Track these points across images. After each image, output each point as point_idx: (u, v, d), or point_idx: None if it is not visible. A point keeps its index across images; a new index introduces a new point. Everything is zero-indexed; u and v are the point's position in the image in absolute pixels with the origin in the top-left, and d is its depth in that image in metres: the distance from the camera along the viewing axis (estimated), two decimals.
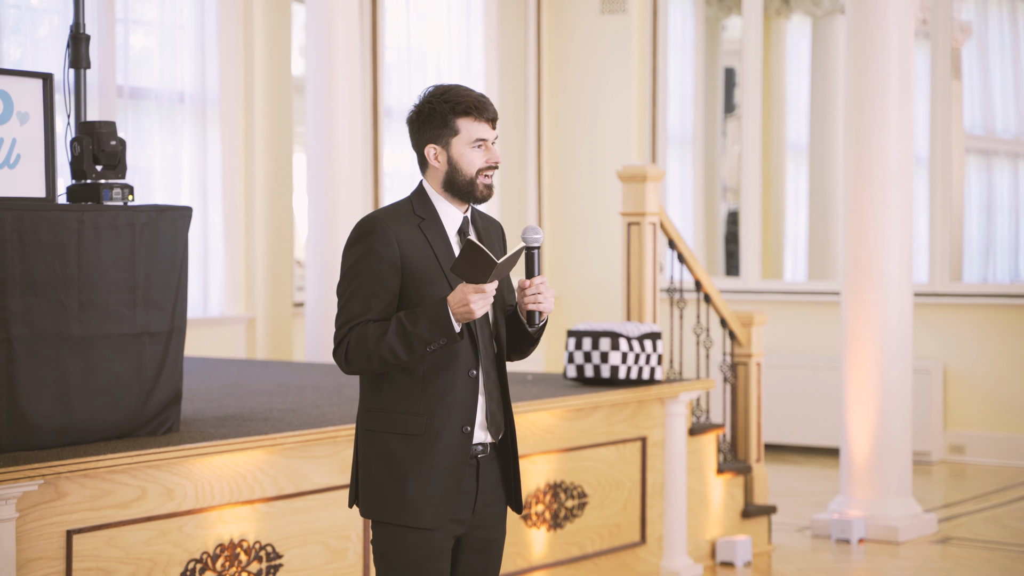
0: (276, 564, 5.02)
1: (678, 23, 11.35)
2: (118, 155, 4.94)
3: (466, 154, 3.62)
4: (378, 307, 3.55)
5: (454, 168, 3.64)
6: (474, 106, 3.61)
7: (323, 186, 8.48)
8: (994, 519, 8.24)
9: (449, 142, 3.64)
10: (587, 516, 6.38)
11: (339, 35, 8.46)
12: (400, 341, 3.48)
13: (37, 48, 8.19)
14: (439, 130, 3.64)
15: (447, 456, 3.56)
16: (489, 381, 3.64)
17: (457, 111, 3.61)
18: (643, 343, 6.66)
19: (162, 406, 4.88)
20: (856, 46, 7.73)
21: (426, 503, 3.55)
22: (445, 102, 3.63)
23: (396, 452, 3.57)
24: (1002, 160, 10.92)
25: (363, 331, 3.52)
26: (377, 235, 3.56)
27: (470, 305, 3.47)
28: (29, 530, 4.34)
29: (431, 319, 3.48)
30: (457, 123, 3.62)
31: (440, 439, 3.56)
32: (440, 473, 3.56)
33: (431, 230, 3.61)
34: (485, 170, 3.63)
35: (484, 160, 3.62)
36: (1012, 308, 10.14)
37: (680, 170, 11.40)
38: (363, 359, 3.52)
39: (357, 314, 3.55)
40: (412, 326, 3.48)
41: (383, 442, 3.59)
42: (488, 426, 3.63)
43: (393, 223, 3.59)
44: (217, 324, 9.15)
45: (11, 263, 4.47)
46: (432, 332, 3.48)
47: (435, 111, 3.64)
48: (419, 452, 3.55)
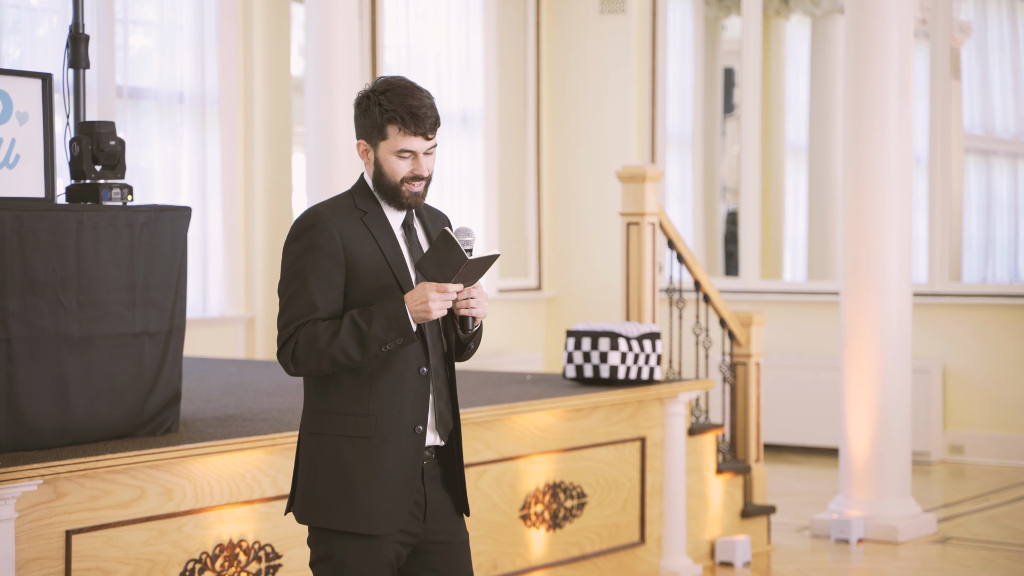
0: (275, 564, 5.02)
1: (678, 23, 11.35)
2: (117, 155, 4.94)
3: (390, 161, 3.45)
4: (324, 304, 3.40)
5: (379, 170, 3.47)
6: (404, 117, 3.42)
7: (323, 186, 8.48)
8: (993, 519, 8.24)
9: (377, 144, 3.46)
10: (586, 516, 6.38)
11: (339, 35, 8.46)
12: (354, 341, 3.35)
13: (36, 48, 8.19)
14: (370, 129, 3.46)
15: (399, 458, 3.43)
16: (438, 379, 3.51)
17: (386, 117, 3.43)
18: (642, 343, 6.66)
19: (161, 406, 4.88)
20: (856, 46, 7.73)
21: (379, 509, 3.41)
22: (379, 104, 3.43)
23: (345, 456, 3.43)
24: (1001, 160, 10.92)
25: (312, 330, 3.38)
26: (319, 229, 3.41)
27: (429, 304, 3.34)
28: (28, 530, 4.34)
29: (387, 318, 3.35)
30: (387, 128, 3.44)
31: (391, 441, 3.42)
32: (392, 476, 3.42)
33: (375, 224, 3.46)
34: (410, 180, 3.46)
35: (409, 170, 3.45)
36: (1012, 308, 10.14)
37: (679, 170, 11.41)
38: (312, 360, 3.38)
39: (303, 313, 3.40)
40: (367, 325, 3.35)
41: (330, 445, 3.44)
42: (437, 426, 3.50)
43: (335, 217, 3.43)
44: (216, 324, 9.15)
45: (10, 263, 4.47)
46: (388, 332, 3.34)
47: (369, 108, 3.45)
48: (370, 455, 3.42)
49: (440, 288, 3.36)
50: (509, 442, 5.98)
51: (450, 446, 3.57)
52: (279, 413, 5.54)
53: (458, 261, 3.34)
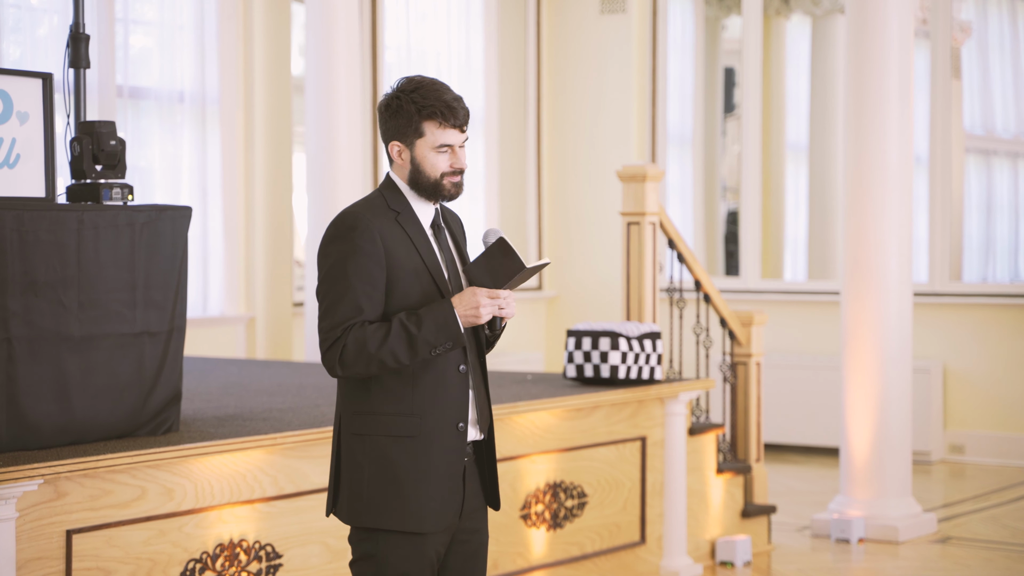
0: (276, 564, 5.02)
1: (678, 23, 11.35)
2: (118, 155, 4.94)
3: (429, 157, 3.48)
4: (369, 307, 3.42)
5: (417, 168, 3.49)
6: (442, 111, 3.45)
7: (323, 186, 8.48)
8: (994, 519, 8.24)
9: (413, 143, 3.48)
10: (587, 516, 6.38)
11: (339, 35, 8.46)
12: (403, 344, 3.37)
13: (37, 48, 8.19)
14: (404, 129, 3.48)
15: (444, 456, 3.47)
16: (476, 376, 3.54)
17: (424, 113, 3.45)
18: (643, 343, 6.66)
19: (162, 406, 4.88)
20: (856, 46, 7.73)
21: (427, 507, 3.45)
22: (413, 102, 3.46)
23: (391, 455, 3.45)
24: (1002, 160, 10.92)
25: (360, 334, 3.39)
26: (360, 231, 3.42)
27: (480, 309, 3.39)
28: (29, 530, 4.34)
29: (437, 322, 3.38)
30: (423, 125, 3.46)
31: (435, 439, 3.45)
32: (439, 475, 3.46)
33: (409, 224, 3.48)
34: (450, 174, 3.50)
35: (448, 165, 3.49)
36: (1012, 308, 10.14)
37: (680, 170, 11.41)
38: (361, 363, 3.39)
39: (349, 315, 3.41)
40: (416, 329, 3.37)
41: (375, 446, 3.46)
42: (477, 421, 3.54)
43: (374, 217, 3.45)
44: (217, 324, 9.15)
45: (11, 263, 4.47)
46: (438, 336, 3.38)
47: (402, 109, 3.47)
48: (416, 454, 3.44)
49: (492, 294, 3.42)
50: (509, 442, 5.98)
51: (487, 441, 3.62)
52: (279, 413, 5.54)
53: (515, 269, 3.39)
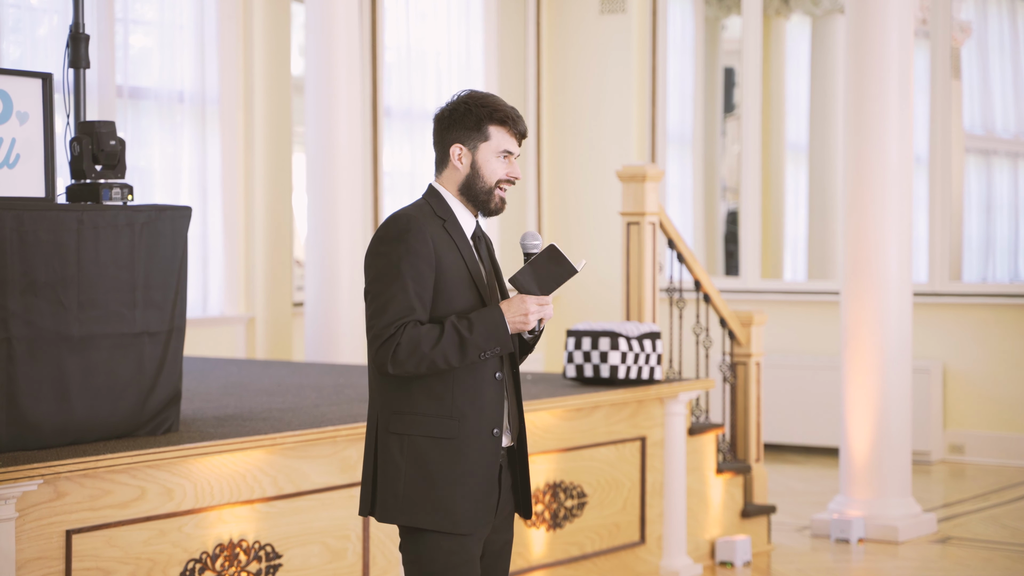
0: (276, 564, 5.02)
1: (678, 23, 11.35)
2: (117, 155, 4.94)
3: (490, 162, 3.60)
4: (420, 307, 3.51)
5: (475, 173, 3.61)
6: (510, 117, 3.60)
7: (323, 186, 8.48)
8: (994, 519, 8.24)
9: (477, 146, 3.60)
10: (587, 516, 6.38)
11: (339, 35, 8.46)
12: (455, 347, 3.47)
13: (37, 48, 8.19)
14: (470, 132, 3.60)
15: (480, 459, 3.55)
16: (509, 384, 3.64)
17: (493, 118, 3.59)
18: (642, 343, 6.66)
19: (161, 406, 4.88)
20: (856, 46, 7.73)
21: (464, 508, 3.53)
22: (483, 107, 3.60)
23: (428, 456, 3.53)
24: (1002, 160, 10.92)
25: (415, 333, 3.47)
26: (415, 233, 3.52)
27: (528, 316, 3.50)
28: (28, 530, 4.34)
29: (488, 327, 3.48)
30: (490, 129, 3.59)
31: (472, 443, 3.54)
32: (474, 478, 3.54)
33: (455, 232, 3.60)
34: (504, 182, 3.62)
35: (505, 172, 3.61)
36: (1012, 308, 10.14)
37: (680, 170, 11.41)
38: (413, 361, 3.47)
39: (403, 314, 3.49)
40: (468, 332, 3.47)
41: (413, 445, 3.54)
42: (510, 428, 3.63)
43: (426, 222, 3.55)
44: (217, 324, 9.15)
45: (11, 263, 4.47)
46: (488, 340, 3.48)
47: (470, 112, 3.60)
48: (452, 456, 3.53)
49: (541, 301, 3.53)
50: None
51: (519, 448, 3.69)
52: (279, 413, 5.54)
53: (566, 274, 3.48)
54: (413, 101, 10.40)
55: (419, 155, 10.43)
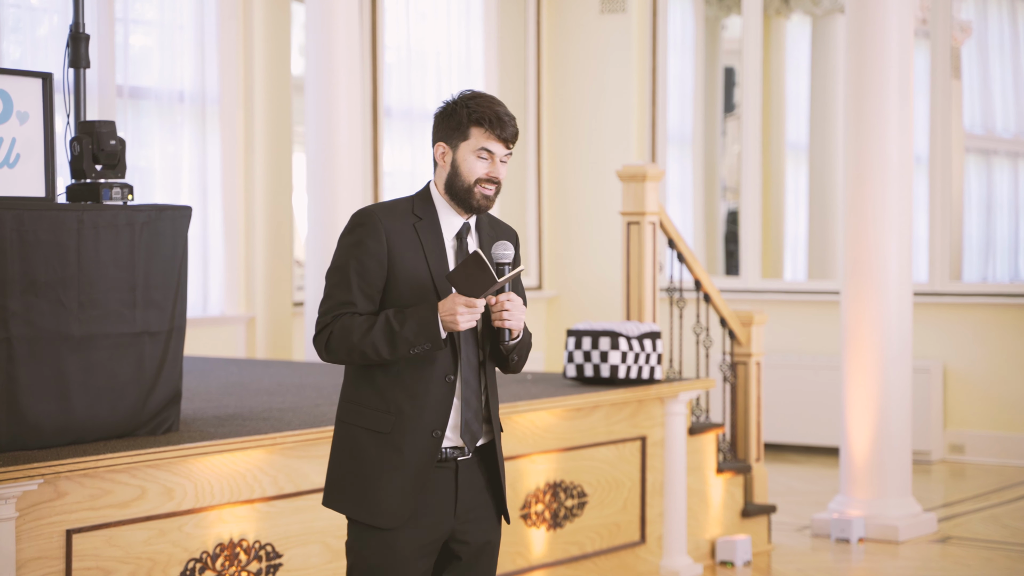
0: (276, 563, 5.02)
1: (678, 23, 11.35)
2: (118, 155, 4.94)
3: (468, 160, 3.61)
4: (361, 300, 3.57)
5: (455, 171, 3.62)
6: (490, 119, 3.60)
7: (323, 186, 8.48)
8: (994, 519, 8.24)
9: (457, 145, 3.63)
10: (587, 516, 6.38)
11: (339, 35, 8.45)
12: (385, 339, 3.50)
13: (37, 48, 8.19)
14: (452, 131, 3.63)
15: (413, 457, 3.55)
16: (468, 390, 3.62)
17: (472, 118, 3.61)
18: (643, 342, 6.66)
19: (162, 405, 4.88)
20: (856, 46, 7.73)
21: (386, 503, 3.55)
22: (467, 106, 3.63)
23: (363, 447, 3.58)
24: (1002, 160, 10.92)
25: (348, 323, 3.55)
26: (368, 228, 3.57)
27: (456, 316, 3.48)
28: (29, 530, 4.35)
29: (419, 323, 3.50)
30: (470, 129, 3.61)
31: (407, 439, 3.55)
32: (404, 474, 3.55)
33: (426, 231, 3.61)
34: (484, 182, 3.61)
35: (485, 172, 3.61)
36: (1012, 308, 10.14)
37: (680, 170, 11.41)
38: (344, 351, 3.55)
39: (341, 304, 3.57)
40: (399, 326, 3.50)
41: (352, 435, 3.61)
42: (462, 434, 3.61)
43: (386, 217, 3.59)
44: (217, 324, 9.15)
45: (11, 263, 4.47)
46: (418, 336, 3.50)
47: (455, 112, 3.64)
48: (385, 450, 3.56)
49: (468, 303, 3.49)
50: (509, 441, 5.98)
51: (489, 452, 3.68)
52: (279, 413, 5.54)
53: (488, 282, 3.46)
54: (413, 101, 10.40)
55: (419, 155, 10.43)
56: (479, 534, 3.68)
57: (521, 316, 3.58)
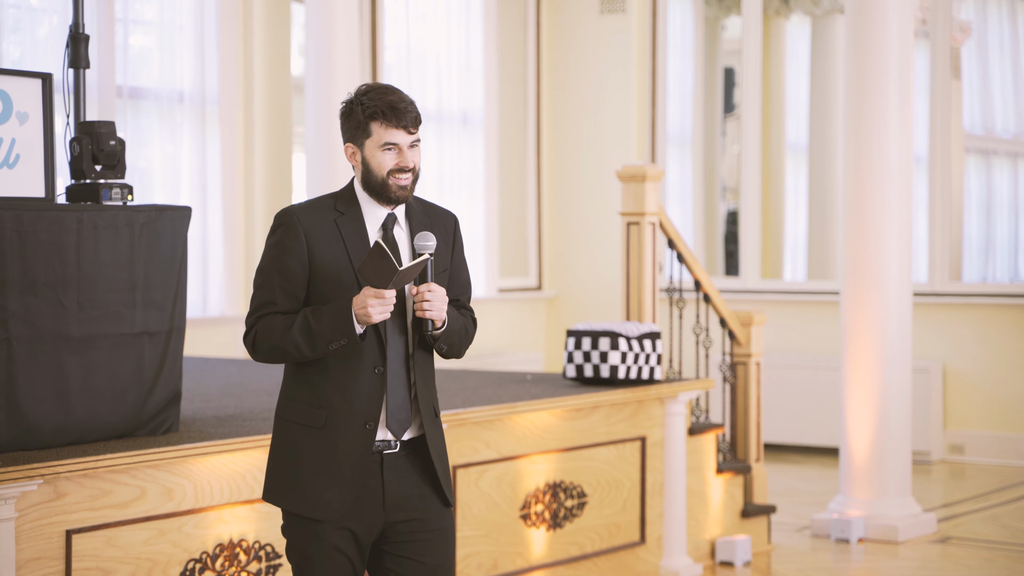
0: (276, 564, 5.02)
1: (678, 23, 11.35)
2: (117, 155, 4.94)
3: (376, 156, 3.62)
4: (282, 299, 3.61)
5: (367, 169, 3.64)
6: (384, 111, 3.60)
7: (323, 186, 8.47)
8: (994, 519, 8.24)
9: (363, 143, 3.64)
10: (587, 516, 6.38)
11: (339, 35, 8.45)
12: (303, 337, 3.54)
13: (37, 48, 8.19)
14: (355, 130, 3.65)
15: (348, 450, 3.58)
16: (395, 381, 3.62)
17: (368, 114, 3.61)
18: (642, 343, 6.66)
19: (161, 406, 4.88)
20: (856, 46, 7.73)
21: (322, 496, 3.58)
22: (361, 104, 3.63)
23: (298, 442, 3.62)
24: (1002, 160, 10.92)
25: (270, 322, 3.59)
26: (286, 227, 3.61)
27: (367, 308, 3.50)
28: (28, 530, 4.34)
29: (334, 319, 3.52)
30: (370, 126, 3.61)
31: (340, 433, 3.58)
32: (339, 467, 3.58)
33: (348, 226, 3.63)
34: (396, 172, 3.62)
35: (395, 163, 3.61)
36: (1012, 308, 10.14)
37: (680, 170, 11.41)
38: (268, 350, 3.60)
39: (264, 304, 3.62)
40: (316, 323, 3.54)
41: (287, 431, 3.65)
42: (389, 423, 3.61)
43: (305, 216, 3.62)
44: (217, 324, 9.15)
45: (11, 263, 4.47)
46: (334, 332, 3.52)
47: (352, 111, 3.65)
48: (319, 444, 3.59)
49: (377, 294, 3.51)
50: (509, 442, 5.98)
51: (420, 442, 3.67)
52: None
53: (390, 270, 3.46)
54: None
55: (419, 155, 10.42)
56: (423, 524, 3.67)
57: (442, 306, 3.58)
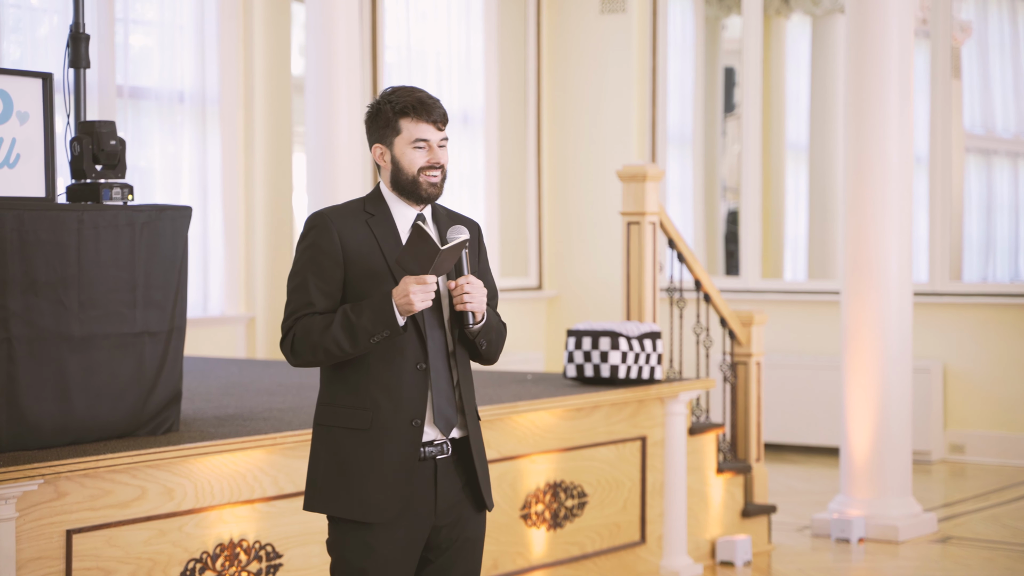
0: (276, 564, 5.02)
1: (678, 23, 11.35)
2: (118, 155, 4.94)
3: (407, 153, 3.63)
4: (320, 300, 3.59)
5: (397, 167, 3.65)
6: (414, 106, 3.62)
7: (323, 186, 8.48)
8: (994, 519, 8.24)
9: (392, 142, 3.65)
10: (587, 516, 6.38)
11: (339, 35, 8.45)
12: (344, 332, 3.52)
13: (37, 48, 8.19)
14: (383, 130, 3.66)
15: (396, 450, 3.56)
16: (439, 377, 3.62)
17: (397, 110, 3.63)
18: (643, 343, 6.66)
19: (162, 406, 4.88)
20: (856, 46, 7.73)
21: (372, 498, 3.55)
22: (389, 102, 3.65)
23: (344, 447, 3.59)
24: (1002, 160, 10.92)
25: (308, 323, 3.57)
26: (319, 230, 3.61)
27: (410, 296, 3.49)
28: (29, 530, 4.34)
29: (375, 311, 3.52)
30: (400, 123, 3.64)
31: (387, 433, 3.56)
32: (388, 467, 3.56)
33: (379, 226, 3.64)
34: (427, 169, 3.63)
35: (426, 160, 3.63)
36: (1012, 308, 10.14)
37: (680, 170, 11.41)
38: (308, 351, 3.57)
39: (301, 306, 3.60)
40: (356, 317, 3.52)
41: (332, 437, 3.62)
42: (436, 421, 3.60)
43: (337, 218, 3.63)
44: (217, 324, 9.15)
45: (11, 263, 4.47)
46: (375, 324, 3.51)
47: (381, 111, 3.67)
48: (367, 446, 3.57)
49: (419, 280, 3.50)
50: (510, 441, 5.98)
51: (466, 442, 3.67)
52: (280, 413, 5.54)
53: (433, 252, 3.46)
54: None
55: None
56: (461, 531, 3.68)
57: (482, 298, 3.59)
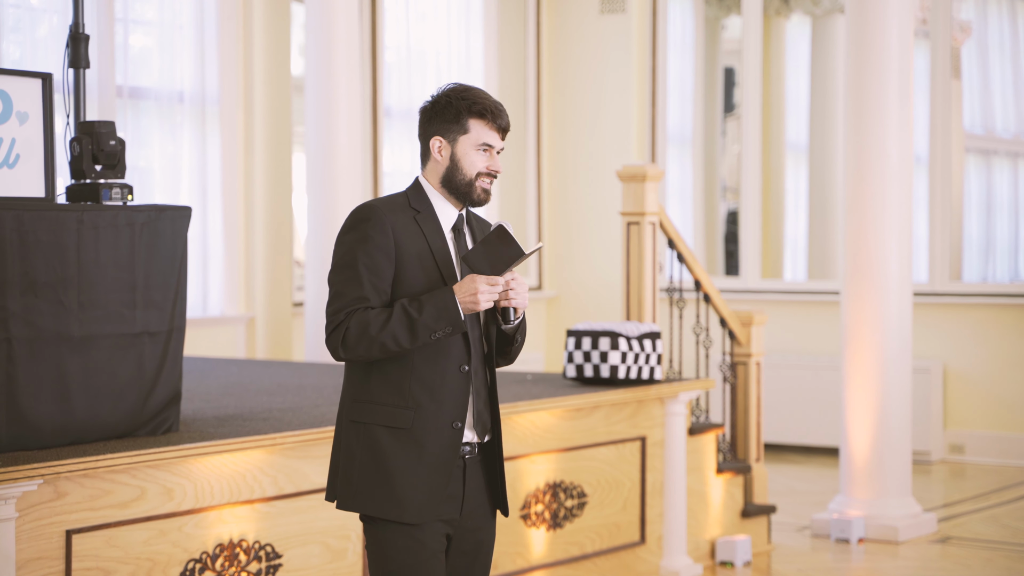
0: (276, 564, 5.02)
1: (678, 23, 11.35)
2: (117, 155, 4.94)
3: (469, 154, 3.61)
4: (373, 294, 3.53)
5: (455, 166, 3.62)
6: (490, 110, 3.61)
7: (323, 186, 8.48)
8: (994, 519, 8.24)
9: (456, 139, 3.62)
10: (587, 516, 6.38)
11: (339, 35, 8.45)
12: (404, 328, 3.47)
13: (37, 48, 8.19)
14: (449, 124, 3.62)
15: (436, 451, 3.54)
16: (478, 379, 3.62)
17: (472, 111, 3.60)
18: (643, 343, 6.66)
19: (162, 406, 4.88)
20: (856, 46, 7.73)
21: (413, 498, 3.53)
22: (463, 99, 3.61)
23: (383, 445, 3.54)
24: (1002, 160, 10.92)
25: (363, 317, 3.50)
26: (373, 223, 3.54)
27: (477, 295, 3.47)
28: (29, 530, 4.35)
29: (437, 307, 3.47)
30: (469, 122, 3.61)
31: (428, 434, 3.54)
32: (428, 468, 3.53)
33: (427, 223, 3.60)
34: (484, 175, 3.62)
35: (486, 165, 3.61)
36: (1012, 308, 10.14)
37: (680, 170, 11.41)
38: (363, 345, 3.49)
39: (354, 300, 3.52)
40: (417, 313, 3.47)
41: (369, 434, 3.56)
42: (475, 424, 3.61)
43: (389, 211, 3.57)
44: (217, 324, 9.15)
45: (11, 263, 4.47)
46: (438, 320, 3.47)
47: (451, 105, 3.62)
48: (407, 445, 3.53)
49: (491, 280, 3.50)
50: (509, 441, 5.97)
51: (491, 446, 3.68)
52: (279, 413, 5.54)
53: (514, 255, 3.46)
54: (413, 101, 10.40)
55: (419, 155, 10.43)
56: (481, 532, 3.68)
57: (526, 294, 3.58)
